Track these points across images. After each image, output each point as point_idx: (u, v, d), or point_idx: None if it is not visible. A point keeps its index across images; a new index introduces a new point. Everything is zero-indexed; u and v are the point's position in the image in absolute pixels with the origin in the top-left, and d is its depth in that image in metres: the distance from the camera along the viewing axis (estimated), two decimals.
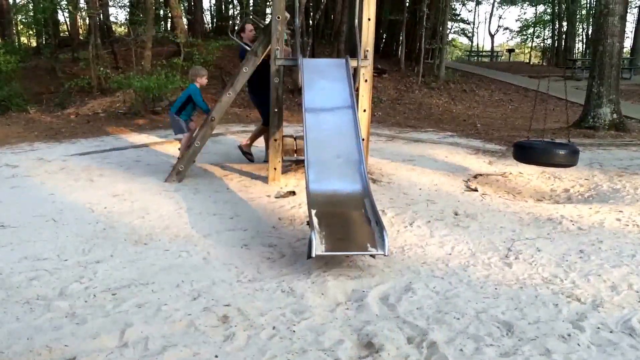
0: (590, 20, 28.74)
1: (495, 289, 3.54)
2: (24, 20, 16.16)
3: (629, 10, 20.33)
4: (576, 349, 2.75)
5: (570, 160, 6.07)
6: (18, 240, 4.45)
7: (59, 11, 16.70)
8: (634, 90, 17.94)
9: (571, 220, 5.03)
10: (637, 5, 28.42)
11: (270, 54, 6.37)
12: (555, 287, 3.55)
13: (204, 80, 7.07)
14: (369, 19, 6.24)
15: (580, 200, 6.19)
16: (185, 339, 2.88)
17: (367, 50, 6.27)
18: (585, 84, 12.78)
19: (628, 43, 27.63)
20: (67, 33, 20.68)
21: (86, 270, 3.84)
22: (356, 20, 6.27)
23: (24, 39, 20.36)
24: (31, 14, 14.82)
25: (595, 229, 4.79)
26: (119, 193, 5.98)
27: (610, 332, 2.94)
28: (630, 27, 28.92)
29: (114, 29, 21.09)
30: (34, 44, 20.49)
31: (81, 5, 17.10)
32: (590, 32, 30.08)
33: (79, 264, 3.96)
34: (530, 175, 7.20)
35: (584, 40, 33.17)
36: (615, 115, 11.36)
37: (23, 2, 20.18)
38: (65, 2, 15.92)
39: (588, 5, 31.29)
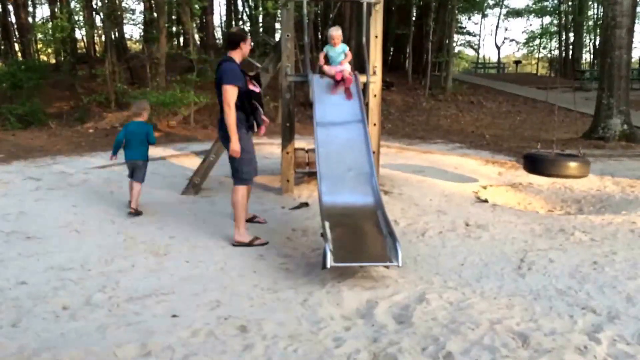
0: (598, 31, 28.63)
1: (509, 299, 3.52)
2: (43, 38, 16.43)
3: (637, 22, 20.20)
4: None
5: (582, 171, 6.05)
6: (43, 251, 4.51)
7: (77, 29, 16.96)
8: None
9: (584, 231, 5.00)
10: None
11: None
12: (570, 299, 3.52)
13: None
14: (376, 37, 6.31)
15: (592, 211, 6.15)
16: (205, 348, 2.90)
17: (376, 67, 6.33)
18: (594, 95, 12.75)
19: (637, 53, 27.53)
20: (84, 50, 20.99)
21: (109, 280, 3.89)
22: (364, 38, 6.34)
23: (43, 57, 20.66)
24: (50, 32, 15.06)
25: (609, 240, 4.75)
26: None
27: (627, 344, 2.90)
28: (638, 38, 28.78)
29: (129, 46, 21.36)
30: (53, 61, 20.81)
31: (98, 24, 17.37)
32: (597, 42, 29.95)
33: (102, 274, 4.01)
34: (541, 185, 7.17)
35: (592, 51, 33.06)
36: (625, 126, 11.30)
37: (42, 21, 20.55)
38: (83, 21, 16.17)
39: (595, 16, 31.19)
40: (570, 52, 31.52)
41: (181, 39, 23.22)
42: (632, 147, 10.61)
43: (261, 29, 20.12)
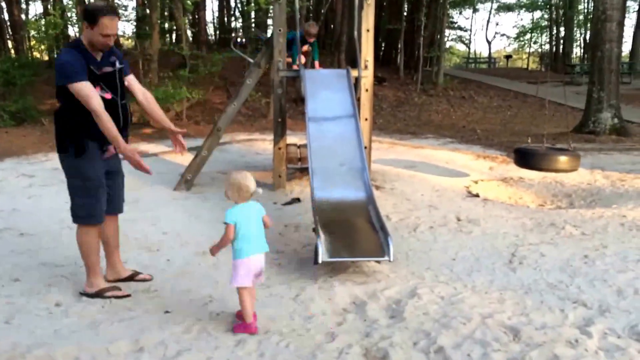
0: (588, 25, 28.70)
1: (500, 294, 3.51)
2: (36, 35, 16.30)
3: (627, 15, 20.26)
4: (584, 355, 2.71)
5: (572, 165, 6.07)
6: (36, 247, 4.48)
7: (70, 26, 16.83)
8: (635, 94, 17.88)
9: (574, 225, 5.00)
10: (635, 10, 28.34)
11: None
12: (561, 293, 3.52)
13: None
14: (368, 30, 6.28)
15: (583, 205, 6.17)
16: (198, 343, 2.88)
17: (367, 61, 6.30)
18: (584, 89, 12.78)
19: (627, 47, 27.62)
20: None
21: (109, 282, 3.83)
22: (355, 32, 6.31)
23: (36, 54, 20.50)
24: (43, 29, 14.95)
25: (599, 234, 4.75)
26: (130, 201, 5.93)
27: (618, 337, 2.90)
28: (628, 32, 28.90)
29: (121, 42, 21.21)
30: (46, 58, 20.63)
31: None
32: (588, 37, 30.03)
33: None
34: (532, 180, 7.18)
35: (582, 45, 33.14)
36: (616, 120, 11.34)
37: (35, 18, 20.37)
38: (75, 18, 16.04)
39: (585, 10, 31.26)
40: (561, 47, 31.57)
41: (173, 35, 23.09)
42: (622, 140, 10.66)
43: (253, 25, 20.04)
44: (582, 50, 33.11)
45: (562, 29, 31.55)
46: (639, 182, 6.75)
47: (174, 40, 21.99)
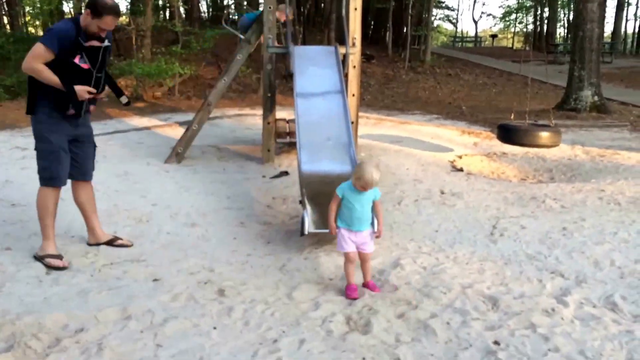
0: (572, 5, 28.50)
1: (481, 264, 3.49)
2: (31, 11, 15.87)
3: None
4: (560, 323, 2.70)
5: (553, 141, 6.04)
6: (27, 218, 4.37)
7: (64, 2, 16.41)
8: (615, 73, 17.84)
9: (554, 199, 4.98)
10: None
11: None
12: (540, 264, 3.51)
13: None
14: (356, 9, 6.17)
15: (563, 180, 6.16)
16: (185, 311, 2.84)
17: (355, 38, 6.20)
18: (567, 67, 12.71)
19: (609, 28, 27.49)
20: None
21: (91, 246, 3.79)
22: (344, 10, 6.20)
23: (31, 29, 20.03)
24: (38, 4, 14.56)
25: (578, 207, 4.73)
26: (121, 173, 5.89)
27: (593, 307, 2.90)
28: (610, 13, 28.63)
29: None
30: (41, 33, 20.17)
31: None
32: (571, 17, 29.86)
33: (84, 240, 3.90)
34: (515, 155, 7.16)
35: (566, 25, 33.01)
36: (596, 98, 11.32)
37: None
38: None
39: None
40: (545, 27, 31.40)
41: (167, 12, 22.64)
42: (602, 117, 10.65)
43: (245, 2, 19.69)
44: (565, 30, 32.98)
45: (546, 9, 31.32)
46: (618, 158, 6.75)
47: (167, 17, 21.58)
